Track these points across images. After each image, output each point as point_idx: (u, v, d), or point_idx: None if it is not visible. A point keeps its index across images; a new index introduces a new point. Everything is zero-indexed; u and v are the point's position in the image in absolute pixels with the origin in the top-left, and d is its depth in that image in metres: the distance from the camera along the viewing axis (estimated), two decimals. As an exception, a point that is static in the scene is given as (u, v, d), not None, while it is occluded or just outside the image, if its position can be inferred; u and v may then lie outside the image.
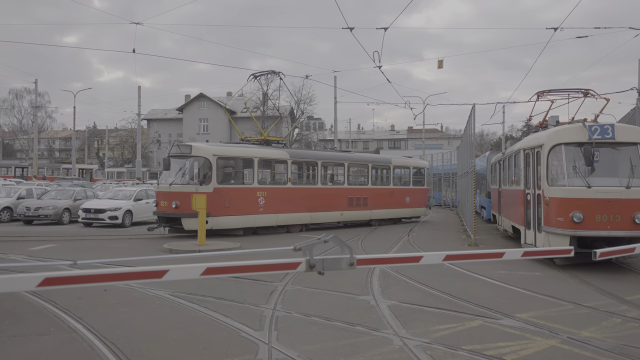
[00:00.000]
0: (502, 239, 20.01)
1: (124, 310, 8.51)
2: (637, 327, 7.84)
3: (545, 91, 17.13)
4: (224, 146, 20.75)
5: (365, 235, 21.06)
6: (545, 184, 13.24)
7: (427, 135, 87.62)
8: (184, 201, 18.67)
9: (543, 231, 13.26)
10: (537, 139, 14.20)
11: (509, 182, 18.20)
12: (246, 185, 20.29)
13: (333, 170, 24.20)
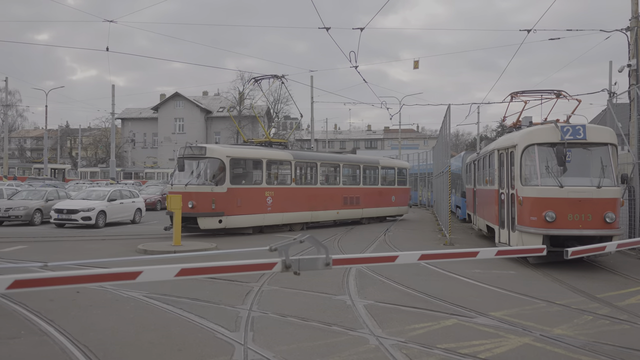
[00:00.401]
0: (476, 238, 20.20)
1: (97, 313, 8.41)
2: (607, 324, 7.97)
3: (519, 92, 17.33)
4: (236, 148, 21.49)
5: (342, 235, 21.10)
6: (519, 183, 13.39)
7: (404, 135, 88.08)
8: (200, 201, 19.49)
9: (517, 230, 13.41)
10: (511, 139, 14.35)
11: (484, 182, 18.38)
12: (256, 186, 21.09)
13: (329, 171, 25.24)
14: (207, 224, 19.60)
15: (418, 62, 31.84)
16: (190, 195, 19.58)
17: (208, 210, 19.43)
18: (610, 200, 12.60)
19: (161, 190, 37.29)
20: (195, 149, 20.35)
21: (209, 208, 19.56)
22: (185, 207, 19.34)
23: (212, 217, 19.52)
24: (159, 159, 72.02)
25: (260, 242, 18.08)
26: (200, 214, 19.46)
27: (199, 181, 19.95)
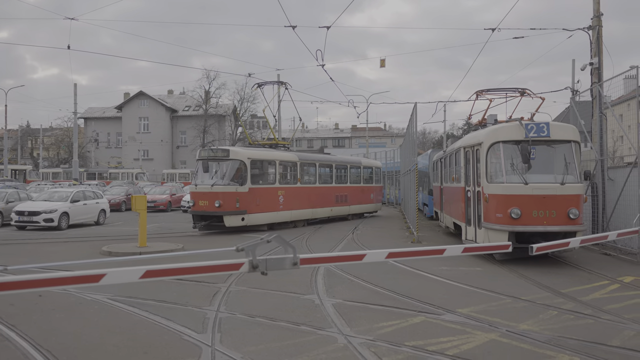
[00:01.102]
0: (444, 235, 20.40)
1: (60, 317, 8.26)
2: (572, 319, 8.14)
3: (484, 90, 17.55)
4: (254, 150, 22.89)
5: (310, 234, 21.11)
6: (485, 181, 13.57)
7: (371, 133, 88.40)
8: (226, 200, 20.91)
9: (483, 227, 13.58)
10: (477, 137, 14.53)
11: (450, 179, 18.57)
12: (271, 185, 22.68)
13: (325, 171, 27.08)
14: (232, 222, 21.00)
15: (384, 61, 32.00)
16: (217, 195, 20.90)
17: (233, 209, 20.90)
18: (574, 197, 12.86)
19: (126, 190, 36.84)
20: (219, 151, 21.81)
21: (234, 207, 20.94)
22: (212, 206, 20.87)
23: (236, 216, 21.01)
24: (123, 159, 71.04)
25: (237, 242, 17.99)
26: (227, 212, 20.87)
27: (224, 182, 21.19)
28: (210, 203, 20.93)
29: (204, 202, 21.08)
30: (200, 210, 21.14)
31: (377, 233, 21.78)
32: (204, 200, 21.08)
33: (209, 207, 20.96)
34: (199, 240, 19.04)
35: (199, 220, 21.50)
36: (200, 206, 21.16)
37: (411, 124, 22.25)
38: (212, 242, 18.16)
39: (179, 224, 25.75)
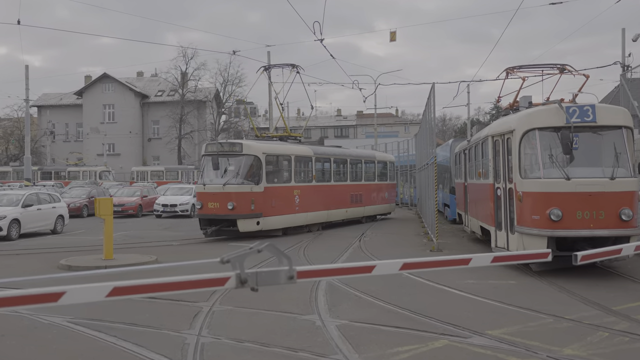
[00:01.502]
0: (469, 242, 20.41)
1: (11, 343, 8.26)
2: (626, 341, 8.13)
3: (516, 67, 17.54)
4: (269, 143, 23.89)
5: (308, 241, 21.16)
6: (518, 176, 13.57)
7: (380, 120, 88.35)
8: (240, 202, 21.63)
9: (516, 232, 13.59)
10: (507, 123, 14.53)
11: (476, 174, 18.59)
12: (286, 184, 23.69)
13: (339, 167, 28.23)
14: (246, 227, 21.78)
15: (395, 34, 32.09)
16: (229, 196, 21.58)
17: (247, 211, 21.68)
18: (627, 194, 12.84)
19: (88, 192, 36.90)
20: (229, 145, 22.80)
21: (249, 209, 21.72)
22: (223, 209, 21.52)
23: (251, 219, 21.82)
24: (84, 154, 71.03)
25: (223, 252, 18.01)
26: (241, 215, 21.63)
27: (237, 180, 22.02)
28: (221, 205, 21.61)
29: (214, 204, 21.74)
30: (210, 213, 21.84)
31: (389, 239, 21.80)
32: (214, 201, 21.73)
33: (221, 210, 21.65)
34: (176, 250, 19.07)
35: (207, 225, 22.25)
36: (209, 209, 21.84)
37: (428, 108, 22.25)
38: (192, 253, 18.18)
39: (152, 232, 25.83)
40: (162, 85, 78.04)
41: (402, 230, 25.56)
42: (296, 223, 24.06)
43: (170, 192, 37.30)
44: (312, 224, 25.30)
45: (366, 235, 23.27)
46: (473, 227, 20.06)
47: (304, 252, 18.23)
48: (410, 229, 26.07)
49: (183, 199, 35.00)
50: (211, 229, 22.04)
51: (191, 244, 21.12)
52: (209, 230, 22.10)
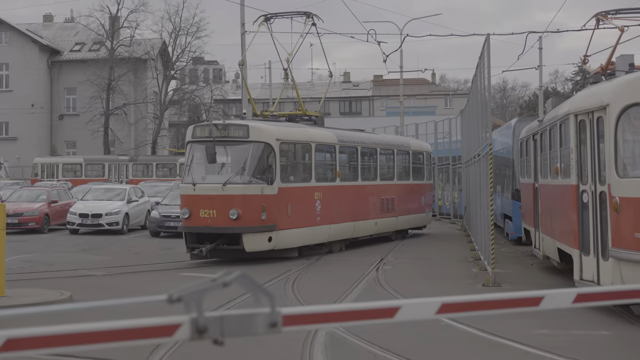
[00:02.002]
0: (541, 272, 20.42)
1: None
2: None
3: (611, 12, 17.54)
4: (282, 127, 24.71)
5: (301, 270, 21.15)
6: (613, 174, 13.55)
7: (409, 90, 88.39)
8: (246, 209, 22.15)
9: (610, 257, 13.57)
10: (598, 95, 14.50)
11: (552, 172, 18.56)
12: (305, 184, 24.73)
13: (368, 160, 29.70)
14: (254, 244, 22.39)
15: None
16: (232, 201, 22.12)
17: (257, 222, 22.22)
18: None
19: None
20: (230, 127, 23.11)
21: (258, 219, 22.27)
22: (223, 219, 22.02)
23: (261, 234, 22.42)
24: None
25: (175, 283, 18.00)
26: (248, 228, 22.23)
27: (243, 178, 22.61)
28: (220, 213, 22.05)
29: (209, 211, 22.19)
30: (203, 225, 22.28)
31: (419, 268, 21.91)
32: (210, 208, 22.18)
33: (219, 220, 22.10)
34: (100, 283, 19.08)
35: (197, 242, 22.54)
36: (202, 219, 22.26)
37: (480, 72, 22.22)
38: (124, 287, 18.19)
39: (64, 255, 25.92)
40: (80, 35, 77.89)
41: (441, 254, 25.61)
42: (316, 240, 24.82)
43: (93, 195, 37.21)
44: (334, 242, 26.12)
45: (387, 261, 23.28)
46: (547, 249, 20.03)
47: (293, 286, 18.24)
48: (453, 252, 26.10)
49: (112, 206, 35.01)
50: (206, 247, 22.09)
51: (124, 273, 21.16)
52: (204, 250, 22.14)
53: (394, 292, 17.35)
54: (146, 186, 43.62)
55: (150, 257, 24.83)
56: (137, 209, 36.53)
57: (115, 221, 34.53)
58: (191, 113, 76.29)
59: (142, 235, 34.11)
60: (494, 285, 17.92)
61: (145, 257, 25.18)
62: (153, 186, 44.65)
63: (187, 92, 74.23)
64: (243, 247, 22.14)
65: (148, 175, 59.66)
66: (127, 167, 60.90)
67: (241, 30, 41.25)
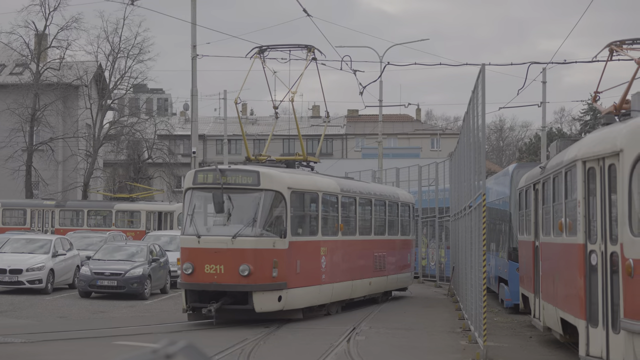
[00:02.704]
0: (540, 346, 20.54)
1: None
2: None
3: (626, 42, 17.78)
4: (292, 174, 26.59)
5: (260, 339, 21.17)
6: (628, 232, 13.68)
7: (389, 128, 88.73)
8: (258, 264, 23.47)
9: (622, 329, 13.67)
10: (610, 139, 14.68)
11: (555, 228, 18.68)
12: (312, 237, 26.41)
13: (363, 212, 31.79)
14: (264, 304, 23.75)
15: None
16: (242, 255, 23.41)
17: (268, 279, 23.69)
18: None
19: None
20: (239, 174, 24.55)
21: (269, 276, 23.70)
22: (232, 275, 23.27)
23: (271, 292, 23.83)
24: None
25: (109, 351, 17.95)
26: (259, 286, 23.56)
27: (254, 230, 23.80)
28: (228, 269, 23.24)
29: (215, 267, 23.36)
30: (209, 282, 23.46)
31: (399, 339, 22.00)
32: (217, 263, 23.35)
33: (227, 277, 23.34)
34: (19, 353, 19.02)
35: (199, 300, 23.85)
36: (207, 275, 23.39)
37: (473, 107, 22.42)
38: (48, 356, 18.19)
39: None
40: (0, 56, 77.77)
41: (425, 322, 25.72)
42: (321, 300, 26.57)
43: (11, 247, 36.92)
44: (332, 303, 27.79)
45: (360, 331, 23.33)
46: (548, 319, 20.13)
47: (249, 359, 18.26)
48: (438, 320, 26.23)
49: (34, 261, 34.69)
50: (212, 306, 22.94)
51: (48, 340, 21.09)
52: (212, 309, 22.94)
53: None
54: (75, 237, 43.18)
55: (79, 322, 24.87)
56: (65, 264, 36.06)
57: (37, 278, 34.10)
58: (130, 150, 75.81)
59: (69, 295, 33.87)
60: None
61: (73, 321, 25.21)
62: (84, 237, 44.46)
63: (126, 126, 73.75)
64: (252, 307, 23.25)
65: (78, 224, 59.33)
66: (53, 213, 60.59)
67: (192, 53, 41.38)
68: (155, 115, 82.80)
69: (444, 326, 24.86)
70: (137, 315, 27.72)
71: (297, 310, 24.97)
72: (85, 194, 69.96)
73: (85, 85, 71.83)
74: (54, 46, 71.37)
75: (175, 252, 38.00)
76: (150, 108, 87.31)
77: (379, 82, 50.39)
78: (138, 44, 71.29)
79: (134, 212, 60.40)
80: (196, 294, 23.69)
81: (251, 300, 23.20)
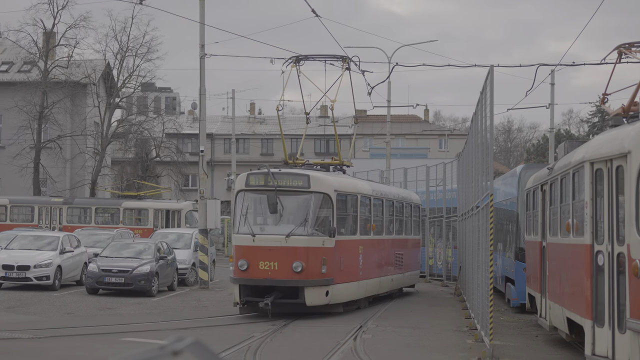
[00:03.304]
0: (546, 345, 20.51)
1: None
2: None
3: (635, 44, 17.74)
4: (337, 177, 29.06)
5: (267, 336, 21.17)
6: (635, 233, 13.67)
7: (397, 129, 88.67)
8: (310, 261, 25.57)
9: (628, 329, 13.66)
10: (618, 141, 14.66)
11: (562, 228, 18.67)
12: (352, 237, 28.67)
13: (389, 212, 34.49)
14: (314, 299, 25.79)
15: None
16: (295, 253, 25.46)
17: (318, 275, 25.85)
18: None
19: None
20: (290, 177, 26.55)
21: (319, 273, 25.87)
22: (286, 271, 25.31)
23: (320, 287, 25.93)
24: None
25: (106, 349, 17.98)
26: (310, 281, 25.66)
27: (306, 230, 25.94)
28: (282, 265, 25.30)
29: (270, 263, 25.37)
30: (263, 277, 25.49)
31: (406, 337, 22.11)
32: (271, 260, 25.36)
33: (281, 273, 25.37)
34: (26, 349, 19.05)
35: (252, 295, 25.89)
36: (261, 271, 25.39)
37: (482, 109, 22.41)
38: (54, 353, 18.17)
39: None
40: (8, 53, 77.52)
41: (431, 321, 25.70)
42: (358, 294, 28.84)
43: (19, 243, 36.84)
44: (363, 298, 29.72)
45: (367, 329, 23.34)
46: (554, 319, 20.11)
47: (256, 356, 18.28)
48: (444, 319, 26.21)
49: (41, 257, 34.73)
50: (267, 300, 24.80)
51: (55, 337, 21.10)
52: (269, 302, 24.73)
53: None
54: (83, 234, 43.29)
55: (87, 319, 24.93)
56: (72, 261, 36.21)
57: (45, 275, 34.17)
58: (138, 149, 75.44)
59: (77, 292, 33.98)
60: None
61: (80, 318, 25.25)
62: (91, 234, 44.47)
63: (134, 124, 73.26)
64: (304, 301, 25.38)
65: (85, 222, 59.15)
66: (61, 210, 60.42)
67: (200, 52, 41.37)
68: (163, 113, 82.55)
69: (451, 325, 24.86)
70: (144, 312, 27.81)
71: (339, 304, 26.93)
72: (93, 191, 69.64)
73: (94, 84, 71.52)
74: (62, 44, 71.06)
75: (182, 250, 38.17)
76: (158, 107, 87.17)
77: (387, 83, 50.47)
78: (146, 43, 70.79)
79: (141, 210, 60.20)
80: (249, 289, 25.47)
81: (302, 295, 25.20)
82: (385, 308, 29.40)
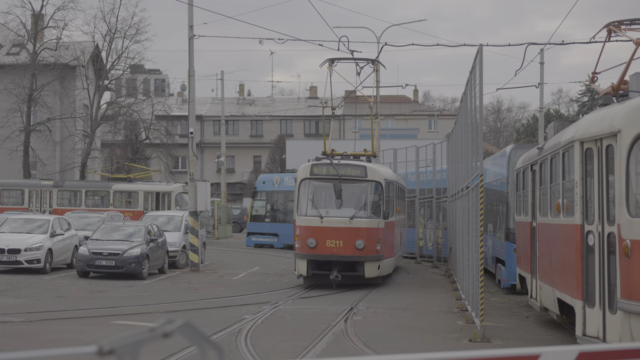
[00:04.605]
0: (537, 325, 20.51)
1: None
2: None
3: (625, 22, 17.70)
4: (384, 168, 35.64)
5: (257, 319, 21.16)
6: (625, 212, 13.67)
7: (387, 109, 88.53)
8: (369, 240, 29.84)
9: (619, 310, 13.68)
10: (607, 120, 14.65)
11: (553, 209, 18.65)
12: (392, 219, 33.34)
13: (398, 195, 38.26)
14: (371, 272, 30.02)
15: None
16: (358, 232, 29.79)
17: (374, 252, 30.02)
18: None
19: None
20: (349, 167, 30.77)
21: (374, 249, 30.06)
22: (349, 248, 29.44)
23: (374, 262, 30.20)
24: None
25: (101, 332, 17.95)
26: (369, 257, 29.87)
27: (365, 213, 30.50)
28: (346, 244, 29.40)
29: (335, 242, 29.40)
30: (330, 253, 29.46)
31: (397, 319, 22.13)
32: (337, 239, 29.41)
33: (345, 250, 29.44)
34: (17, 331, 19.02)
35: (316, 268, 29.81)
36: (328, 248, 29.38)
37: (471, 89, 22.37)
38: (46, 336, 18.14)
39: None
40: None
41: (422, 303, 25.69)
42: (391, 269, 33.62)
43: (10, 227, 36.78)
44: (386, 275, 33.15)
45: (358, 311, 23.34)
46: (545, 299, 20.12)
47: (247, 338, 18.25)
48: (435, 301, 26.23)
49: (32, 241, 34.71)
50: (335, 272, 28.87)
51: (46, 320, 21.11)
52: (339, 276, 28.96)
53: (365, 345, 17.43)
54: (73, 217, 43.00)
55: (78, 302, 24.91)
56: (63, 244, 36.18)
57: (36, 258, 34.13)
58: (128, 131, 75.23)
59: (67, 275, 33.94)
60: (483, 341, 18.01)
61: (71, 301, 25.22)
62: (82, 217, 44.29)
63: (123, 106, 73.10)
64: (363, 274, 29.63)
65: (76, 205, 59.11)
66: (51, 194, 60.34)
67: (189, 34, 41.23)
68: (152, 95, 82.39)
69: (441, 306, 24.87)
70: (135, 294, 27.80)
71: (384, 276, 31.48)
72: (83, 174, 69.34)
73: (82, 66, 71.10)
74: (50, 26, 70.72)
75: (173, 233, 38.08)
76: (147, 89, 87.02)
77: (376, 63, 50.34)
78: (135, 24, 70.45)
79: (131, 193, 60.19)
80: (314, 263, 29.37)
81: (362, 269, 29.51)
82: (375, 289, 29.40)
